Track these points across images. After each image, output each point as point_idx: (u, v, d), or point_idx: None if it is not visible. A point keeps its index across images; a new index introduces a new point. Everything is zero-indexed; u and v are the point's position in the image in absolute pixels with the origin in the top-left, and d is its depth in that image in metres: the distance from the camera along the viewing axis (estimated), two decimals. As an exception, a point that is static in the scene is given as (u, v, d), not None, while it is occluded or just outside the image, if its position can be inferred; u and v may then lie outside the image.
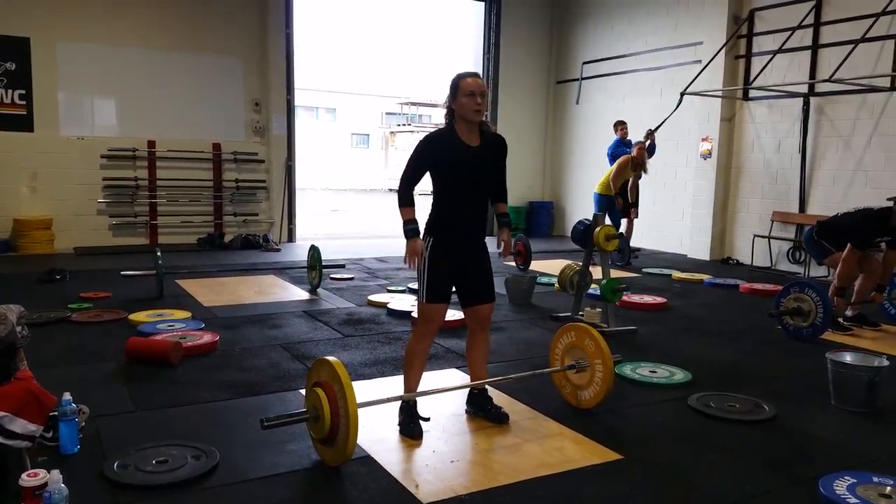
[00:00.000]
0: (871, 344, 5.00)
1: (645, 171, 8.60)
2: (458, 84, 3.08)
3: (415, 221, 3.14)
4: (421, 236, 3.18)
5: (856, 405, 3.60)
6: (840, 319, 5.37)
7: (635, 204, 8.96)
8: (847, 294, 5.38)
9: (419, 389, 3.30)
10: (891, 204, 5.18)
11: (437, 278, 3.16)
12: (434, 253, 3.16)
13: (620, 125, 9.31)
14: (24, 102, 8.74)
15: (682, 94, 8.79)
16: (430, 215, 3.21)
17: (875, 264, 5.41)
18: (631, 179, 8.65)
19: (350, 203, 22.71)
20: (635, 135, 9.38)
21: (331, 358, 2.81)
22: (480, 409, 3.38)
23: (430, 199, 3.23)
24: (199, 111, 9.82)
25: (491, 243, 3.31)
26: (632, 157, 8.45)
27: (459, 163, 3.12)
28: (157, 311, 5.47)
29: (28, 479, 2.21)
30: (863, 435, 3.32)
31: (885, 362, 3.63)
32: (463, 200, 3.18)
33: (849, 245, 5.22)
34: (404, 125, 35.31)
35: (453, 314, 5.30)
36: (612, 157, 9.04)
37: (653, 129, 8.94)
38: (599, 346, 3.37)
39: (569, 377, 3.55)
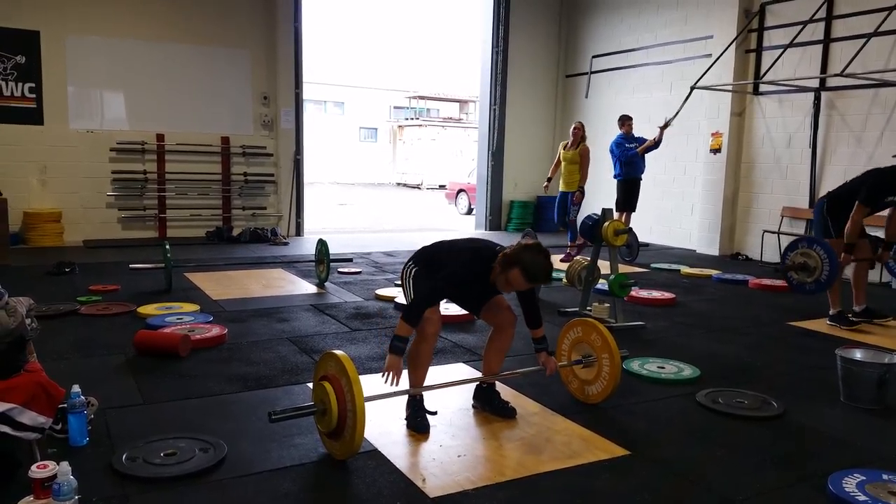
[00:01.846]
0: (881, 340, 4.97)
1: (577, 147, 8.49)
2: (528, 272, 2.93)
3: (406, 340, 3.07)
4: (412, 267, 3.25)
5: (865, 402, 3.58)
6: (849, 315, 5.34)
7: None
8: (853, 250, 5.20)
9: (426, 384, 3.30)
10: None
11: (422, 283, 3.18)
12: (419, 274, 3.21)
13: (626, 120, 8.89)
14: (33, 96, 8.77)
15: (693, 88, 8.74)
16: (424, 264, 3.22)
17: (865, 248, 5.35)
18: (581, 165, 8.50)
19: (358, 197, 22.71)
20: (643, 129, 9.30)
21: (338, 352, 2.81)
22: (487, 404, 3.37)
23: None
24: (208, 105, 9.84)
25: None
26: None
27: (475, 292, 3.28)
28: (165, 304, 5.50)
29: (37, 470, 2.23)
30: (872, 432, 3.30)
31: (896, 359, 3.61)
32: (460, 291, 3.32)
33: (857, 203, 5.13)
34: (412, 119, 35.27)
35: (459, 309, 5.30)
36: (616, 152, 8.81)
37: (668, 119, 8.82)
38: (607, 341, 3.36)
39: (576, 372, 3.55)
